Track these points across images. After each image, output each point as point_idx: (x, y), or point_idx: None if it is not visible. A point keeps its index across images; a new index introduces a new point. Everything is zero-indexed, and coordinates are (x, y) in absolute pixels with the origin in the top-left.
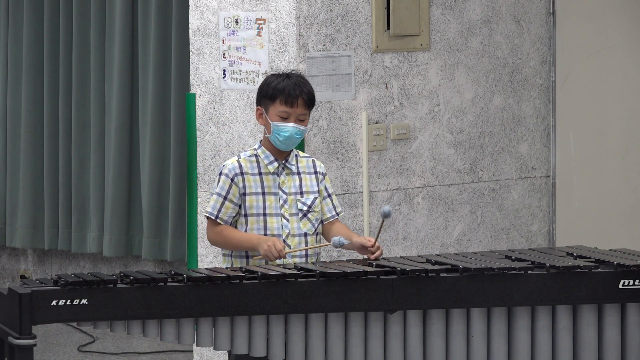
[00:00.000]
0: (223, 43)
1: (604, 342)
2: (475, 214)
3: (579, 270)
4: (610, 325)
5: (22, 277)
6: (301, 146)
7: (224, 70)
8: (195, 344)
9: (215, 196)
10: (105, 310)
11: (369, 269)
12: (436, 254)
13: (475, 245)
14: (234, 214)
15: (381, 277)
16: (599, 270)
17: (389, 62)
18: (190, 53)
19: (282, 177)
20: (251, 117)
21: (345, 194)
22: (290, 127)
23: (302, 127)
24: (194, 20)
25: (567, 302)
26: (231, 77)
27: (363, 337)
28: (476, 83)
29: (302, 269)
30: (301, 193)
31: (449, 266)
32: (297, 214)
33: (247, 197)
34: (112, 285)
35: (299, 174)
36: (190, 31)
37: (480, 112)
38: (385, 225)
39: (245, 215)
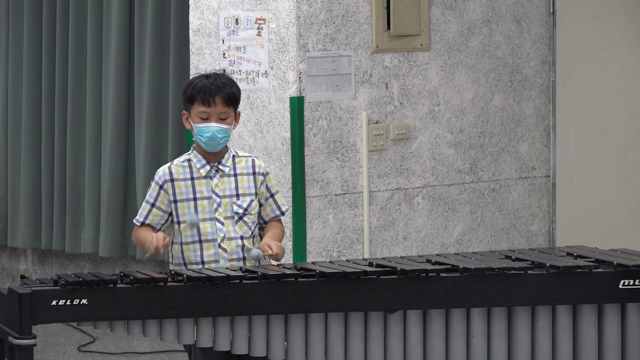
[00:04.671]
0: (223, 43)
1: (604, 342)
2: (475, 214)
3: (579, 270)
4: (610, 325)
5: (22, 277)
6: (301, 146)
7: (224, 70)
8: (195, 344)
9: (144, 203)
10: (105, 310)
11: (369, 269)
12: (436, 254)
13: (475, 245)
14: (162, 221)
15: (381, 277)
16: (599, 270)
17: (389, 62)
18: (190, 53)
19: (214, 180)
20: (251, 117)
21: (345, 194)
22: (211, 127)
23: (225, 126)
24: (194, 20)
25: (567, 302)
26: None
27: (363, 337)
28: (476, 83)
29: (302, 268)
30: (237, 195)
31: (449, 266)
32: (232, 217)
33: (179, 204)
34: (112, 285)
35: (235, 175)
36: (190, 31)
37: (480, 112)
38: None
39: (179, 223)
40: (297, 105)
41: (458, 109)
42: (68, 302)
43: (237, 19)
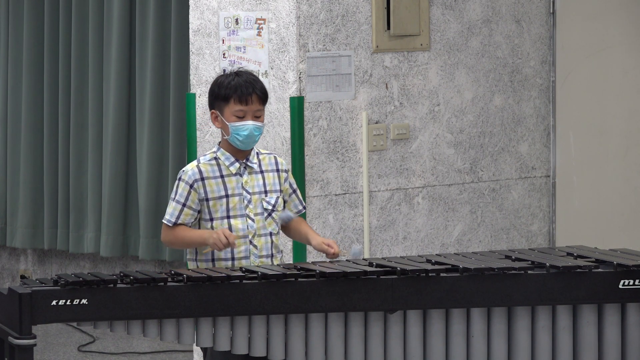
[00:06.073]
0: (223, 43)
1: (604, 342)
2: (475, 214)
3: (579, 270)
4: (610, 325)
5: (22, 277)
6: (301, 146)
7: (224, 70)
8: (195, 344)
9: (174, 203)
10: (105, 310)
11: (369, 269)
12: (436, 254)
13: (475, 245)
14: (192, 220)
15: (381, 277)
16: (599, 270)
17: (389, 62)
18: (190, 53)
19: (244, 177)
20: None
21: (345, 194)
22: (248, 125)
23: (260, 124)
24: (194, 20)
25: (567, 302)
26: None
27: (363, 337)
28: (476, 83)
29: (302, 269)
30: (265, 192)
31: (449, 266)
32: (262, 214)
33: (211, 202)
34: (112, 285)
35: (261, 172)
36: (190, 31)
37: (480, 112)
38: (387, 228)
39: (211, 220)
40: (297, 105)
41: (458, 109)
42: (68, 302)
43: (237, 19)
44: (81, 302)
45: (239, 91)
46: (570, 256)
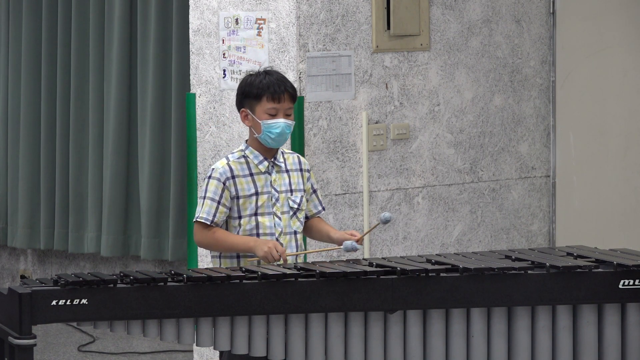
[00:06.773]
0: (223, 43)
1: (604, 342)
2: (475, 214)
3: (579, 270)
4: (610, 325)
5: (22, 277)
6: (301, 146)
7: (224, 70)
8: (195, 344)
9: (208, 201)
10: (105, 310)
11: (369, 269)
12: (436, 254)
13: (475, 245)
14: (225, 218)
15: (381, 277)
16: (599, 270)
17: (389, 62)
18: (190, 53)
19: (273, 176)
20: None
21: (345, 194)
22: (280, 122)
23: (290, 122)
24: (194, 20)
25: (567, 302)
26: (231, 77)
27: (363, 337)
28: (476, 83)
29: (302, 269)
30: (291, 191)
31: (449, 266)
32: (288, 212)
33: (241, 200)
34: (112, 285)
35: (287, 171)
36: (190, 31)
37: (480, 112)
38: (382, 228)
39: (239, 217)
40: (297, 105)
41: (458, 109)
42: (68, 302)
43: (237, 19)
44: (81, 302)
45: (272, 89)
46: (570, 256)
